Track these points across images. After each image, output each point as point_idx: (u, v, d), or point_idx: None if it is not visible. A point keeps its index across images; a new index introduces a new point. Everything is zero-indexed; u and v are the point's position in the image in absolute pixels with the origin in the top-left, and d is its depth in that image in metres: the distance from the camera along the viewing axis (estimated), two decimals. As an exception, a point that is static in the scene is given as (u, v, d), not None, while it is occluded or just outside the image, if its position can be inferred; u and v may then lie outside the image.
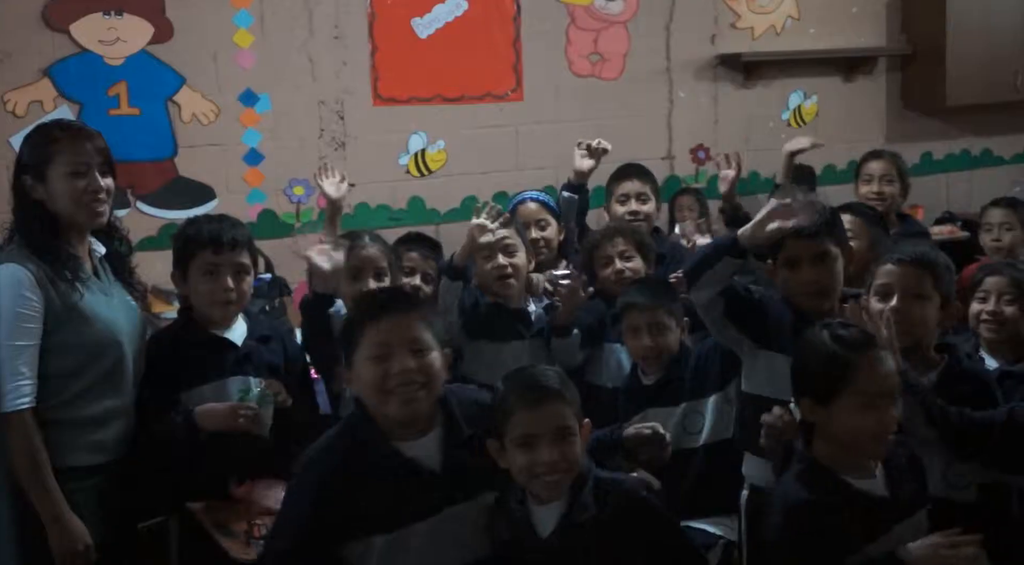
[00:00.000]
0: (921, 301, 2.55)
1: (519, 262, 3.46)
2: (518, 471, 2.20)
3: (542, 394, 2.22)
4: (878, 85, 5.91)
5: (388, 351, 2.20)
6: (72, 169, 2.62)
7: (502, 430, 2.22)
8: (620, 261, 3.54)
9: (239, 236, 2.85)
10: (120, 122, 4.25)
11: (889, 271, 2.61)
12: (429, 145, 4.89)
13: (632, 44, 5.25)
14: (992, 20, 5.78)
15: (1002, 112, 6.09)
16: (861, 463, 2.22)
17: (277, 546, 2.25)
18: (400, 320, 2.24)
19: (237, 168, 4.54)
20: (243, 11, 4.49)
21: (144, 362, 2.77)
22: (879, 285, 2.61)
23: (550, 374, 2.30)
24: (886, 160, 4.58)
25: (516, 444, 2.19)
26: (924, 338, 2.57)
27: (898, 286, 2.57)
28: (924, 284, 2.56)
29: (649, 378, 3.13)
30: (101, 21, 4.25)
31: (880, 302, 2.57)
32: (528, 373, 2.32)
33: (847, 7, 5.75)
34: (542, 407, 2.20)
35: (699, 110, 5.43)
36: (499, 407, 2.25)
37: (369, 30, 4.72)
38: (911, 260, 2.60)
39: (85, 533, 2.54)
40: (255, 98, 4.53)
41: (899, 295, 2.55)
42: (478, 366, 3.40)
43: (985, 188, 6.19)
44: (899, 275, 2.58)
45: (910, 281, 2.57)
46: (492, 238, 3.35)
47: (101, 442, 2.64)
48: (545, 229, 3.92)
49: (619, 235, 3.61)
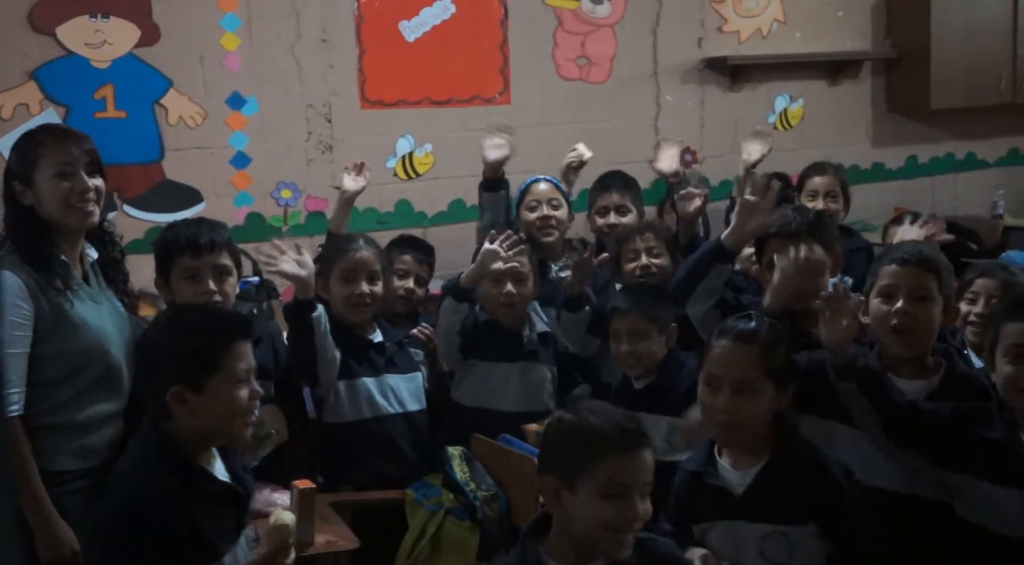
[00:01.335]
0: (927, 303, 2.47)
1: (527, 292, 3.45)
2: (591, 523, 1.95)
3: (643, 441, 1.99)
4: (863, 89, 5.94)
5: (248, 374, 2.23)
6: (57, 171, 2.61)
7: (575, 470, 1.96)
8: (647, 257, 3.50)
9: (217, 238, 2.84)
10: (106, 125, 4.23)
11: (894, 272, 2.50)
12: (416, 148, 4.89)
13: (619, 47, 5.26)
14: (976, 24, 5.82)
15: (986, 116, 6.14)
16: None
17: None
18: (249, 345, 2.26)
19: (224, 171, 4.53)
20: (230, 14, 4.48)
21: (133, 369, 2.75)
22: (883, 286, 2.51)
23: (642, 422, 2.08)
24: (830, 176, 4.42)
25: (599, 492, 1.94)
26: (928, 342, 2.51)
27: (904, 287, 2.48)
28: (930, 285, 2.48)
29: (639, 383, 3.13)
30: (87, 24, 4.24)
31: (884, 304, 2.49)
32: (625, 415, 2.05)
33: (833, 11, 5.78)
34: (640, 454, 1.97)
35: (686, 113, 5.45)
36: (582, 441, 1.98)
37: (356, 33, 4.72)
38: (917, 261, 2.50)
39: (73, 538, 2.53)
40: (242, 101, 4.52)
41: (905, 297, 2.47)
42: (468, 387, 3.41)
43: (970, 191, 6.25)
44: (904, 276, 2.48)
45: (916, 282, 2.47)
46: (504, 266, 3.33)
47: (90, 447, 2.63)
48: (558, 209, 3.93)
49: (650, 230, 3.58)
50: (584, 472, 1.94)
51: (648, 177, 5.30)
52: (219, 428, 2.21)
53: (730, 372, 2.35)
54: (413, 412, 3.37)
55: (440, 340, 3.45)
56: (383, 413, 3.31)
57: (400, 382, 3.37)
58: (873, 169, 6.00)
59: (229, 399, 2.19)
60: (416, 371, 3.46)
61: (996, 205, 6.16)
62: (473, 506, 3.07)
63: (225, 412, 2.19)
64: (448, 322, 3.36)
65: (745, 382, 2.33)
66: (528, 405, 3.39)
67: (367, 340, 3.37)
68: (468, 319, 3.40)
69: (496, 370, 3.41)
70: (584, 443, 1.97)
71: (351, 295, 3.29)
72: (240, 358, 2.22)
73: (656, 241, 3.52)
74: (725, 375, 2.36)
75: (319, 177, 4.68)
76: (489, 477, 3.14)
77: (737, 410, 2.33)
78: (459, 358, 3.43)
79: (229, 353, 2.20)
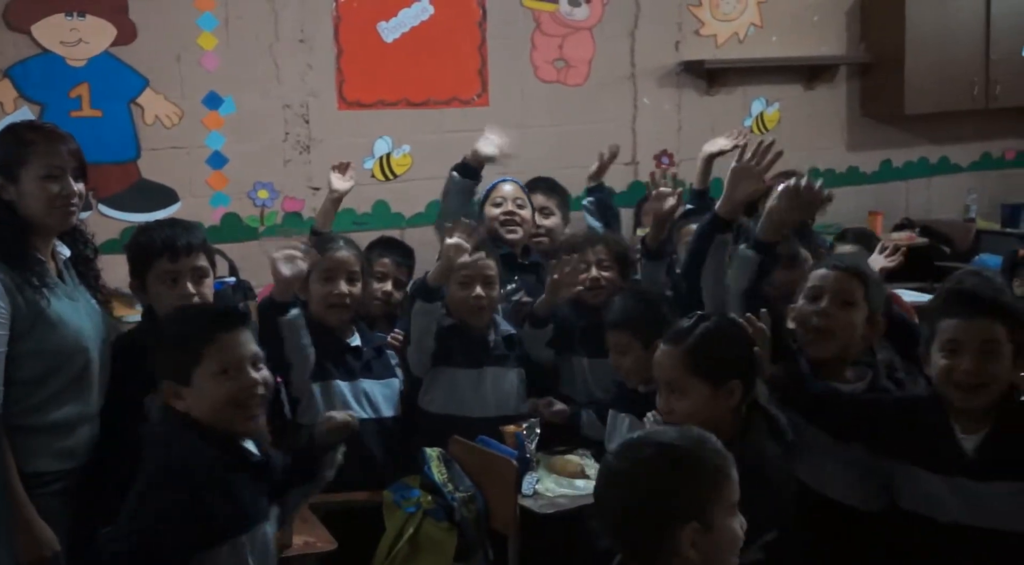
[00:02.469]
0: (849, 307, 2.59)
1: (495, 294, 3.43)
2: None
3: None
4: (839, 93, 5.99)
5: (238, 365, 2.23)
6: (47, 172, 2.59)
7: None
8: (597, 269, 3.53)
9: (194, 240, 2.81)
10: (82, 124, 4.20)
11: (822, 275, 2.65)
12: (394, 149, 4.88)
13: (597, 50, 5.27)
14: (949, 31, 5.88)
15: (959, 121, 6.20)
16: None
17: None
18: (240, 335, 2.27)
19: (201, 171, 4.51)
20: (207, 13, 4.46)
21: (110, 367, 2.74)
22: (810, 288, 2.65)
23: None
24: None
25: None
26: (848, 347, 2.61)
27: (829, 290, 2.60)
28: (854, 292, 2.60)
29: (644, 388, 3.03)
30: (63, 22, 4.21)
31: (810, 304, 2.61)
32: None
33: (809, 16, 5.82)
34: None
35: (663, 116, 5.47)
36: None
37: (335, 34, 4.71)
38: (845, 267, 2.65)
39: (53, 539, 2.51)
40: (219, 101, 4.50)
41: (829, 299, 2.59)
42: (436, 394, 3.38)
43: (943, 196, 6.31)
44: (831, 280, 2.62)
45: (841, 286, 2.60)
46: (468, 258, 3.27)
47: (68, 448, 2.61)
48: (522, 208, 3.94)
49: (602, 243, 3.60)
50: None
51: (625, 180, 5.33)
52: (218, 419, 2.21)
53: (659, 373, 2.45)
54: (387, 418, 3.35)
55: (413, 346, 3.38)
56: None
57: (375, 387, 3.34)
58: (848, 173, 6.05)
59: (214, 391, 2.20)
60: (393, 377, 3.43)
61: (969, 209, 6.22)
62: (451, 507, 3.06)
63: (212, 404, 2.20)
64: (422, 326, 3.30)
65: (673, 383, 2.39)
66: (498, 410, 3.38)
67: (344, 343, 3.34)
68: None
69: (464, 376, 3.38)
70: None
71: (329, 295, 3.27)
72: (226, 349, 2.22)
73: (607, 254, 3.54)
74: (658, 376, 2.45)
75: (296, 178, 4.66)
76: (467, 478, 3.14)
77: (672, 411, 2.40)
78: (428, 364, 3.38)
79: (212, 345, 2.21)
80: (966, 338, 2.33)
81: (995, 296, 2.44)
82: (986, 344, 2.31)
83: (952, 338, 2.35)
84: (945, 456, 2.35)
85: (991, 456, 2.31)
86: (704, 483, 1.75)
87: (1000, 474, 2.30)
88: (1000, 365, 2.32)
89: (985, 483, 2.30)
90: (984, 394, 2.32)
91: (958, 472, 2.33)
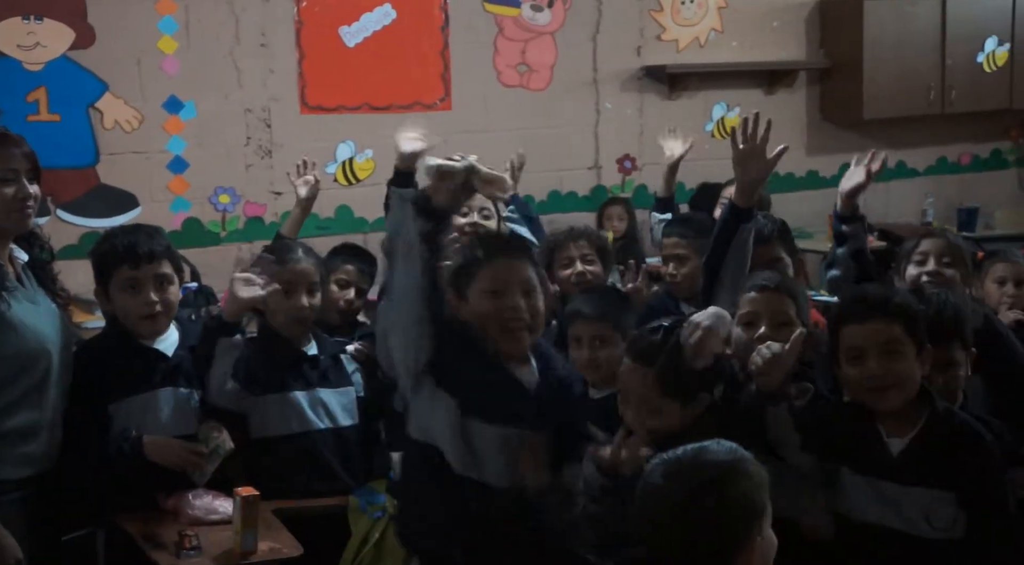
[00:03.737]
0: (788, 328, 2.52)
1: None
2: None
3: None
4: (798, 98, 6.05)
5: (504, 288, 2.37)
6: (0, 176, 2.56)
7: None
8: (582, 263, 3.50)
9: (156, 247, 2.78)
10: (39, 128, 4.17)
11: (753, 299, 2.57)
12: (357, 154, 4.88)
13: (559, 55, 5.30)
14: (907, 37, 5.97)
15: (917, 126, 6.28)
16: None
17: None
18: (514, 263, 2.42)
19: (161, 176, 4.48)
20: (167, 17, 4.43)
21: (71, 373, 2.71)
22: (744, 313, 2.58)
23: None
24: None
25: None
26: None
27: (765, 314, 2.55)
28: (788, 310, 2.56)
29: (597, 392, 2.87)
30: (20, 26, 4.17)
31: (747, 331, 2.55)
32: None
33: (768, 21, 5.88)
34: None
35: (625, 121, 5.50)
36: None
37: (296, 38, 4.70)
38: (775, 287, 2.58)
39: (16, 547, 2.46)
40: (180, 105, 4.47)
41: (767, 323, 2.54)
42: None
43: (900, 200, 6.38)
44: (764, 302, 2.56)
45: (775, 307, 2.55)
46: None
47: (28, 455, 2.57)
48: (489, 219, 3.75)
49: (584, 237, 3.58)
50: None
51: (588, 184, 5.35)
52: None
53: (628, 387, 2.37)
54: (344, 427, 3.29)
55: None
56: (312, 428, 3.22)
57: (332, 397, 3.27)
58: (807, 177, 6.11)
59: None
60: (349, 385, 3.38)
61: (926, 212, 6.31)
62: (416, 512, 3.04)
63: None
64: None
65: (648, 403, 2.33)
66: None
67: (301, 352, 3.29)
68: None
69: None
70: None
71: (291, 309, 3.20)
72: None
73: (589, 248, 3.54)
74: (626, 389, 2.38)
75: (258, 182, 4.64)
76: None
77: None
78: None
79: None
80: (867, 343, 2.32)
81: (888, 297, 2.42)
82: (886, 345, 2.31)
83: (852, 345, 2.35)
84: (870, 457, 2.34)
85: (914, 460, 2.30)
86: (765, 493, 1.77)
87: (922, 480, 2.29)
88: (905, 364, 2.32)
89: (905, 487, 2.29)
90: (895, 395, 2.31)
91: (881, 473, 2.32)
